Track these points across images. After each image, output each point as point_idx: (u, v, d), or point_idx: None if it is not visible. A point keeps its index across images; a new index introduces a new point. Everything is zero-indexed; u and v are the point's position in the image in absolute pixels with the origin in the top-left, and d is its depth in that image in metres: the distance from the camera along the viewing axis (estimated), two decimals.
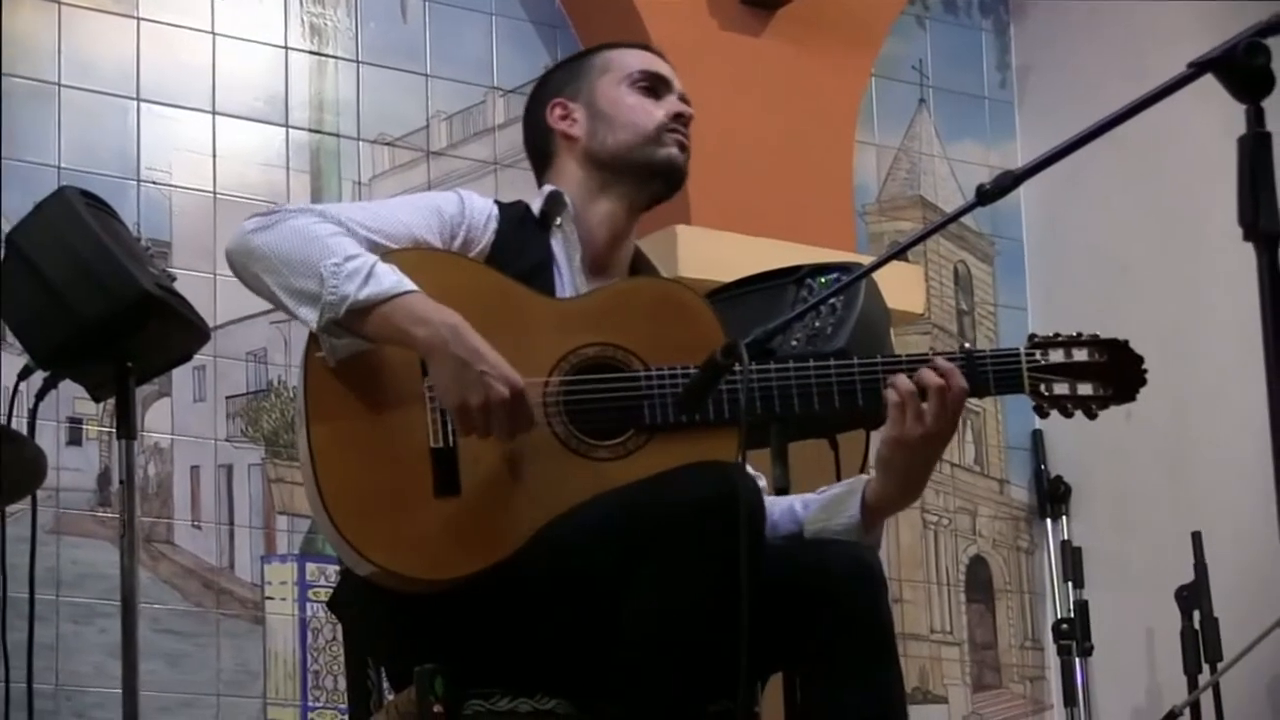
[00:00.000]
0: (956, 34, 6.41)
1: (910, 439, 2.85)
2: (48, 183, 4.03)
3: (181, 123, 5.03)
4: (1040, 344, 2.91)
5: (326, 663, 4.87)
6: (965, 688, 5.96)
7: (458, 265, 2.95)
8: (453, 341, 2.75)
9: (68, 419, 4.66)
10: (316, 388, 2.83)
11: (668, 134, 3.10)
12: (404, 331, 2.77)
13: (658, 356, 2.89)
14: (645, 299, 2.99)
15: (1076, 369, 2.90)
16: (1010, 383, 2.90)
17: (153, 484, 4.79)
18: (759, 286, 3.68)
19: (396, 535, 2.77)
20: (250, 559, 4.93)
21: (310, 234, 2.83)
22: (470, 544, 2.77)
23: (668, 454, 2.81)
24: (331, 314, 2.77)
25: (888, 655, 2.85)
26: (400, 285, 2.78)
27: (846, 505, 2.97)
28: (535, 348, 2.87)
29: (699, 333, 2.92)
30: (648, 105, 3.12)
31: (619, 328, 2.91)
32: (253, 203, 5.06)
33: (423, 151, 5.40)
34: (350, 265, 2.78)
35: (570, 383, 2.87)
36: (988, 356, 2.90)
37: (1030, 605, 6.13)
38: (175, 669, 4.70)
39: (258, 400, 4.94)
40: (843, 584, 2.81)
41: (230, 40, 5.15)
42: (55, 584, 4.55)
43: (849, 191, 5.82)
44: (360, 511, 2.78)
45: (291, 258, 2.81)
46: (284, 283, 2.82)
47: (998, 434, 6.19)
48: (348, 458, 2.80)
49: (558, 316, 2.93)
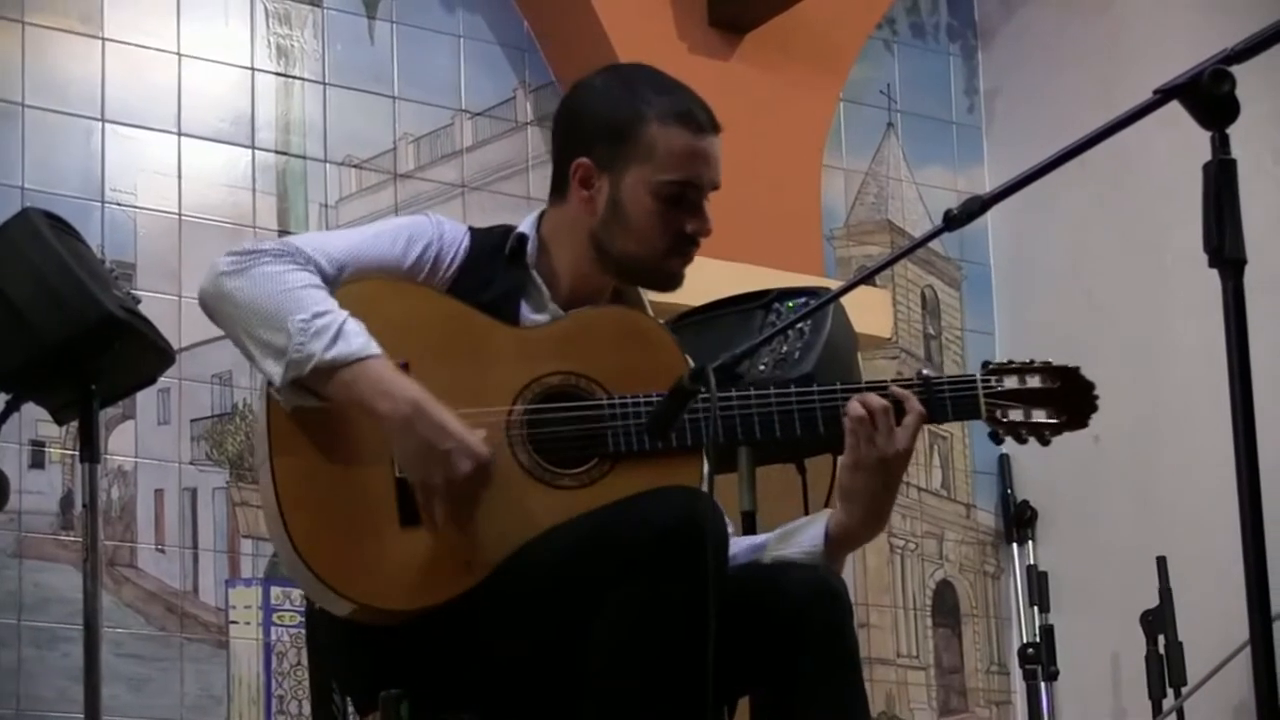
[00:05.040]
0: (924, 59, 6.43)
1: (867, 463, 2.85)
2: (11, 203, 4.02)
3: (147, 144, 5.02)
4: (995, 370, 2.93)
5: (291, 687, 4.85)
6: (931, 712, 5.96)
7: (418, 294, 2.94)
8: (416, 419, 2.73)
9: (30, 441, 4.64)
10: (276, 430, 2.81)
11: (676, 256, 3.03)
12: (366, 402, 2.76)
13: (621, 385, 2.89)
14: (608, 327, 2.99)
15: (1030, 395, 2.92)
16: (967, 409, 2.91)
17: (116, 507, 4.77)
18: (727, 311, 3.69)
19: (369, 569, 2.77)
20: (214, 583, 4.90)
21: (282, 283, 2.81)
22: (437, 574, 2.77)
23: (632, 481, 2.82)
24: (295, 372, 2.76)
25: (853, 677, 2.85)
26: (366, 349, 2.77)
27: (808, 533, 2.97)
28: (497, 376, 2.87)
29: (661, 361, 2.92)
30: (669, 219, 3.01)
31: (582, 356, 2.91)
32: (218, 225, 5.06)
33: (390, 174, 5.40)
34: (318, 323, 2.76)
35: (533, 411, 2.86)
36: (945, 383, 2.91)
37: (996, 630, 6.14)
38: (138, 694, 4.68)
39: (222, 423, 4.93)
40: (807, 606, 2.82)
41: (196, 61, 5.14)
42: (17, 608, 4.53)
43: (817, 215, 5.83)
44: (330, 548, 2.77)
45: (261, 307, 2.80)
46: (251, 332, 2.80)
47: (964, 459, 6.20)
48: (314, 494, 2.79)
49: (520, 345, 2.92)
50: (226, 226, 5.07)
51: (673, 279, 3.05)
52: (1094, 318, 5.87)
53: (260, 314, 2.79)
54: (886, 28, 6.30)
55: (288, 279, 2.81)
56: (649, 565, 2.65)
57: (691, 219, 3.01)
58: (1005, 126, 6.38)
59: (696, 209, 3.02)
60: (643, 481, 2.80)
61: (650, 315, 3.11)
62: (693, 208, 3.02)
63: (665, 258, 3.02)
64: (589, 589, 2.69)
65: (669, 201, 3.00)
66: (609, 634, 2.69)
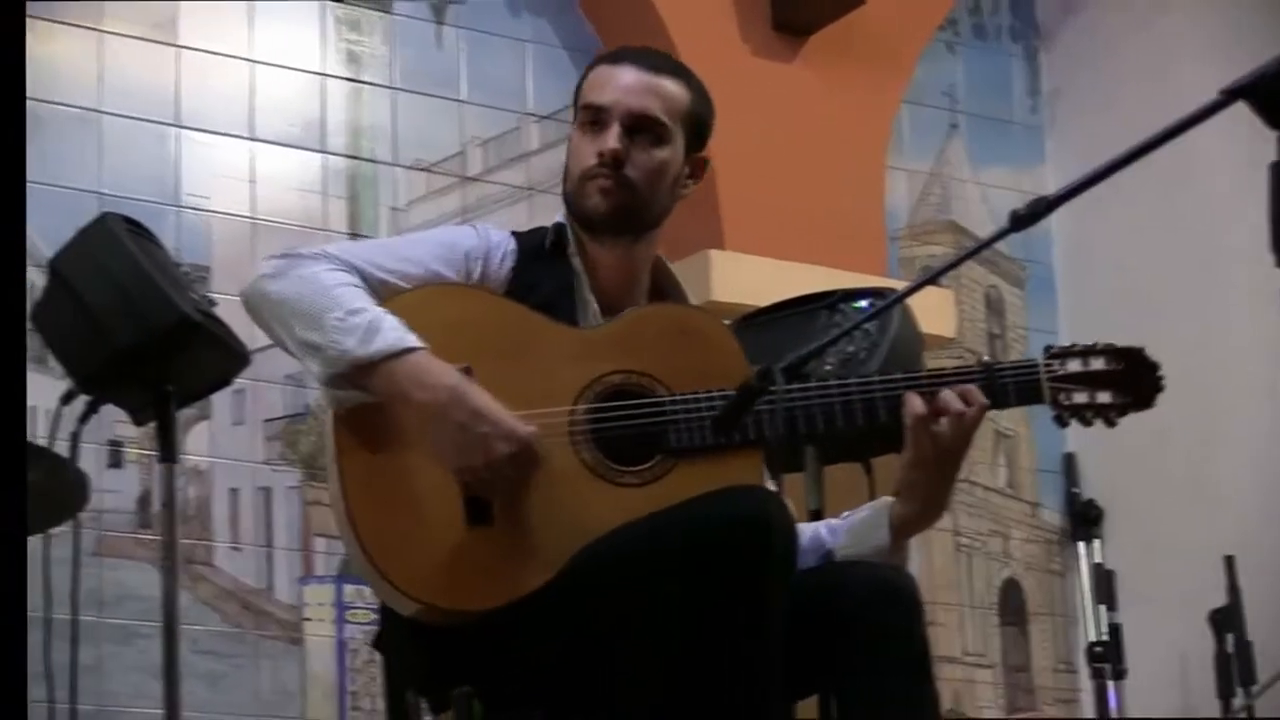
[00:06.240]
0: (987, 60, 6.43)
1: (926, 456, 2.85)
2: (89, 208, 4.05)
3: (220, 149, 5.07)
4: (1058, 354, 2.91)
5: (364, 683, 4.87)
6: (999, 710, 5.95)
7: (474, 297, 2.95)
8: (452, 405, 2.74)
9: (108, 442, 4.68)
10: (342, 430, 2.83)
11: (590, 183, 2.99)
12: (405, 393, 2.77)
13: (680, 382, 2.89)
14: (665, 325, 2.98)
15: (1094, 378, 2.90)
16: (1030, 394, 2.89)
17: (192, 506, 4.80)
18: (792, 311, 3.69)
19: (436, 571, 2.77)
20: (289, 580, 4.95)
21: (319, 284, 2.83)
22: (504, 573, 2.77)
23: (694, 478, 2.82)
24: (333, 368, 2.77)
25: (920, 677, 2.82)
26: (401, 342, 2.77)
27: (876, 530, 2.97)
28: (558, 377, 2.87)
29: (720, 357, 2.93)
30: (583, 147, 3.00)
31: (641, 354, 2.91)
32: (291, 228, 5.09)
33: (458, 177, 5.42)
34: (353, 320, 2.78)
35: (595, 410, 2.87)
36: (1007, 368, 2.90)
37: (1063, 628, 6.12)
38: (214, 690, 4.72)
39: (295, 424, 4.96)
40: (870, 607, 2.79)
41: (268, 67, 5.19)
42: (96, 605, 4.56)
43: (880, 216, 5.82)
44: (398, 551, 2.77)
45: (299, 308, 2.82)
46: (291, 333, 2.82)
47: (1029, 457, 6.19)
48: (381, 498, 2.80)
49: (579, 345, 2.92)
50: (298, 230, 5.11)
51: (590, 217, 2.99)
52: (1157, 315, 5.85)
53: (299, 314, 2.81)
54: (949, 29, 6.30)
55: (325, 279, 2.83)
56: (716, 564, 2.64)
57: (599, 140, 2.98)
58: (1067, 127, 6.36)
59: (604, 131, 2.98)
60: (704, 477, 2.80)
61: (705, 311, 3.10)
62: (602, 131, 2.99)
63: (580, 186, 2.99)
64: (655, 587, 2.68)
65: (585, 130, 3.00)
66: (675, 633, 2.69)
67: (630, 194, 2.98)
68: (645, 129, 3.00)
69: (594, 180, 2.98)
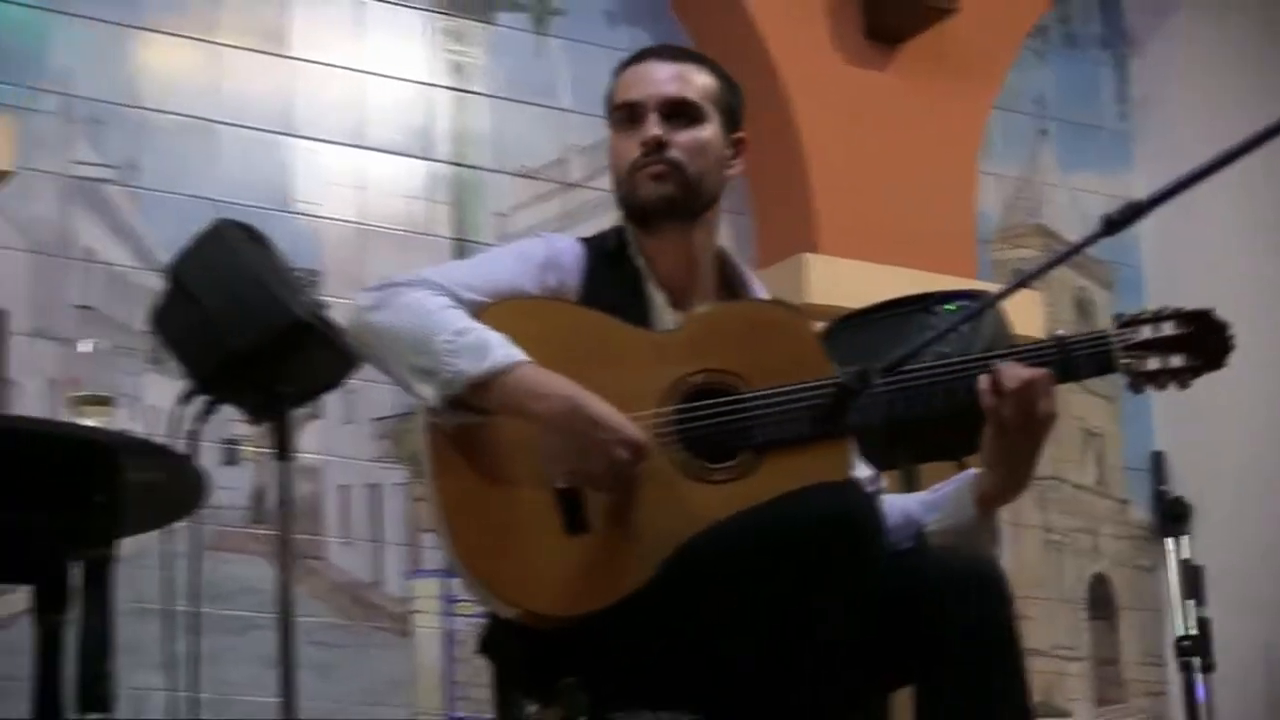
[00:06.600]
0: (1076, 67, 6.39)
1: (1002, 430, 2.81)
2: (204, 215, 4.08)
3: (330, 157, 5.09)
4: (1128, 323, 2.88)
5: (471, 674, 4.88)
6: (1089, 703, 5.91)
7: (553, 308, 2.94)
8: (572, 414, 2.74)
9: (224, 440, 4.71)
10: (438, 447, 2.83)
11: (639, 174, 2.98)
12: (523, 407, 2.76)
13: (760, 377, 2.87)
14: (739, 322, 2.96)
15: (1165, 343, 2.87)
16: (1103, 363, 2.86)
17: (305, 503, 4.83)
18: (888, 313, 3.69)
19: (534, 578, 2.77)
20: (397, 574, 4.97)
21: (422, 309, 2.82)
22: (603, 576, 2.76)
23: (783, 471, 2.80)
24: (448, 390, 2.76)
25: (1008, 665, 2.78)
26: (511, 357, 2.77)
27: (962, 503, 2.94)
28: (642, 380, 2.86)
29: (796, 347, 2.91)
30: (625, 143, 3.01)
31: (719, 353, 2.89)
32: (398, 233, 5.12)
33: (559, 183, 5.44)
34: (462, 340, 2.77)
35: (681, 410, 2.86)
36: (1079, 341, 2.86)
37: (1152, 622, 6.07)
38: (325, 680, 4.74)
39: (402, 423, 4.97)
40: (969, 595, 2.76)
41: (376, 78, 5.21)
42: (212, 598, 4.59)
43: (972, 220, 5.80)
44: (497, 560, 2.77)
45: (406, 335, 2.81)
46: (401, 360, 2.81)
47: (1118, 455, 6.15)
48: (478, 509, 2.80)
49: (659, 348, 2.91)
50: (406, 235, 5.13)
51: (646, 206, 2.99)
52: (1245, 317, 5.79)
53: (407, 341, 2.80)
54: (1038, 37, 6.26)
55: (426, 304, 2.82)
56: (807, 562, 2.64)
57: (639, 134, 2.99)
58: (1155, 132, 6.32)
59: (642, 124, 2.99)
60: (793, 471, 2.78)
61: (777, 302, 3.09)
62: (640, 124, 3.00)
63: (630, 179, 2.99)
64: (749, 584, 2.67)
65: (623, 129, 3.01)
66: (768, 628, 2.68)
67: (680, 174, 2.98)
68: (681, 112, 3.01)
69: (642, 170, 2.98)
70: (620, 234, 3.04)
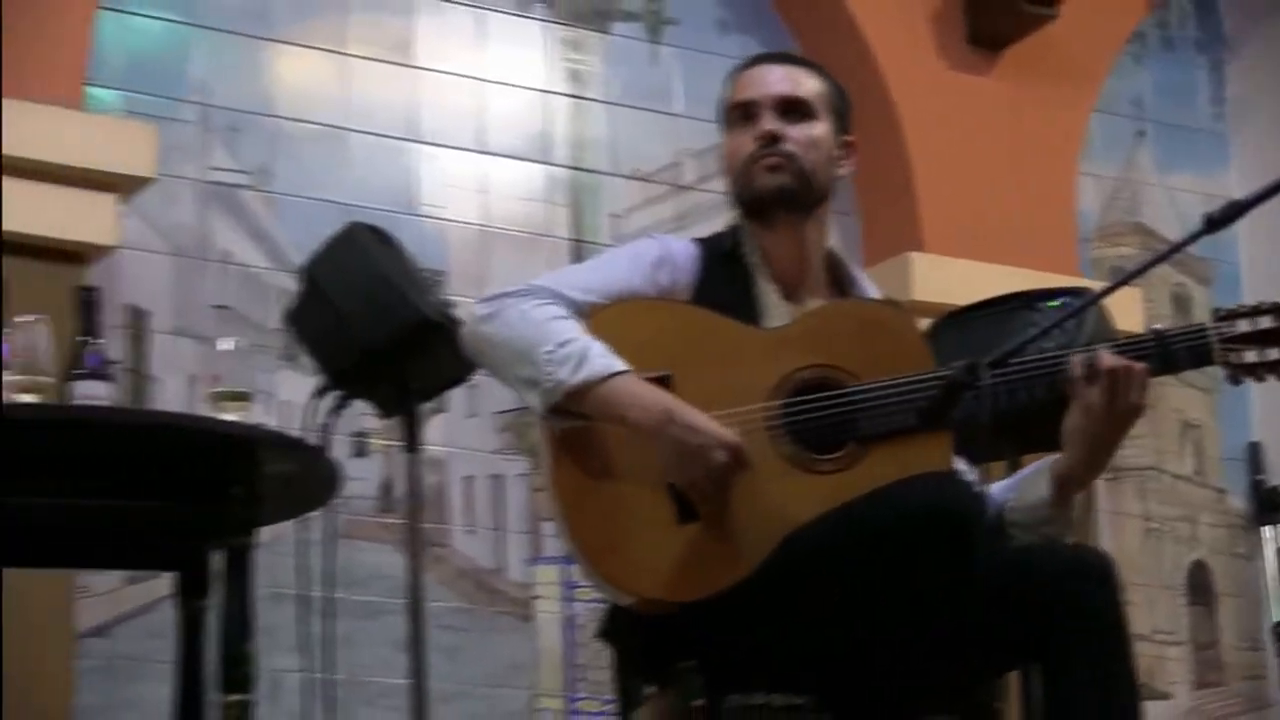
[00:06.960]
0: (1173, 70, 6.35)
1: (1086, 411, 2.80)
2: (335, 218, 4.13)
3: (454, 161, 5.14)
4: (1225, 316, 2.86)
5: (590, 657, 4.91)
6: (1188, 686, 5.88)
7: (666, 309, 2.96)
8: (668, 424, 2.76)
9: (353, 434, 4.76)
10: (554, 444, 2.87)
11: (755, 166, 3.01)
12: (621, 415, 2.79)
13: (866, 371, 2.87)
14: (847, 320, 2.97)
15: (1263, 336, 2.84)
16: (1201, 356, 2.84)
17: (431, 493, 4.87)
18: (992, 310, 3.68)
19: (650, 566, 2.79)
20: (519, 561, 5.01)
21: (530, 320, 2.85)
22: (715, 564, 2.78)
23: (887, 462, 2.81)
24: (550, 399, 2.80)
25: (1117, 651, 2.78)
26: (609, 368, 2.79)
27: (1037, 483, 2.93)
28: (752, 376, 2.87)
29: (901, 345, 2.91)
30: (740, 140, 3.04)
31: (826, 349, 2.90)
32: (519, 235, 5.16)
33: (673, 186, 5.46)
34: (563, 351, 2.80)
35: (790, 404, 2.87)
36: (1178, 334, 2.85)
37: (1250, 608, 6.03)
38: (452, 662, 4.77)
39: (522, 416, 5.01)
40: (1078, 582, 2.75)
41: (497, 86, 5.25)
42: (344, 584, 4.63)
43: (1072, 219, 5.78)
44: (613, 550, 2.81)
45: (513, 346, 2.85)
46: (510, 371, 2.86)
47: (1215, 446, 6.11)
48: (594, 502, 2.83)
49: (767, 344, 2.92)
50: (526, 236, 5.17)
51: (763, 197, 3.00)
52: None
53: (514, 351, 2.84)
54: (1136, 42, 6.23)
55: (534, 315, 2.86)
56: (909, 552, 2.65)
57: (754, 130, 3.01)
58: (1251, 132, 6.27)
59: (757, 121, 3.02)
60: (897, 462, 2.79)
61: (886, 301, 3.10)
62: (754, 121, 3.02)
63: (749, 176, 3.01)
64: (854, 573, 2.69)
65: (738, 127, 3.03)
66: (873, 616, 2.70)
67: (795, 164, 3.00)
68: (794, 109, 3.03)
69: (759, 162, 3.00)
70: (735, 234, 3.06)
